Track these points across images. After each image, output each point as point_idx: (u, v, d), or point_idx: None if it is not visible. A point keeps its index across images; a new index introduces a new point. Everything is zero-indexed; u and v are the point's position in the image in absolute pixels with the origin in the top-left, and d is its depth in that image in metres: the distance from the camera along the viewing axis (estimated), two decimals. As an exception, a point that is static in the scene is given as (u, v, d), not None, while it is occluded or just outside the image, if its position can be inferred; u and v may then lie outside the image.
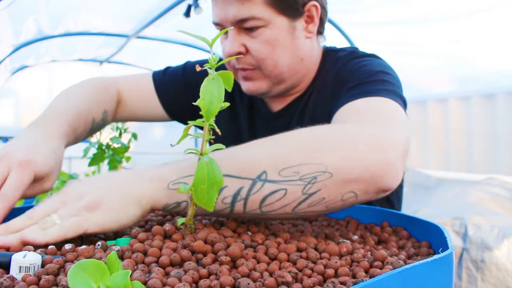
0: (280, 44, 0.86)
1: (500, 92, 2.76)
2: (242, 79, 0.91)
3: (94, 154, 1.15)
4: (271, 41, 0.85)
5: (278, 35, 0.85)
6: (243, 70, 0.89)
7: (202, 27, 2.84)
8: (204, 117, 0.51)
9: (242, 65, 0.88)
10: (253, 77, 0.89)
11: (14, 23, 2.95)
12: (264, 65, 0.87)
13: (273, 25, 0.84)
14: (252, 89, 0.91)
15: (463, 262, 2.15)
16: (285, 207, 0.55)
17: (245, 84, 0.91)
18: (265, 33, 0.84)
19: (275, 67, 0.87)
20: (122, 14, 3.15)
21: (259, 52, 0.86)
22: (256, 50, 0.85)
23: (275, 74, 0.88)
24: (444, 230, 0.53)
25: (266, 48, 0.85)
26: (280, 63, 0.87)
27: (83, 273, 0.34)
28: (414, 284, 0.39)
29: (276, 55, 0.86)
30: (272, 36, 0.85)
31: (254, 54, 0.86)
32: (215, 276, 0.45)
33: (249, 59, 0.87)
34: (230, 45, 0.85)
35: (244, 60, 0.87)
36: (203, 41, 0.52)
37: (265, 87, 0.90)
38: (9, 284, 0.41)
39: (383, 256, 0.50)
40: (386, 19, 2.55)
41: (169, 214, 0.70)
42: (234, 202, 0.56)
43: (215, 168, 0.51)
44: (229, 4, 0.83)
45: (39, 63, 4.16)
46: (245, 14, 0.82)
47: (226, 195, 0.56)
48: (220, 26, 0.87)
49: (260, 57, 0.86)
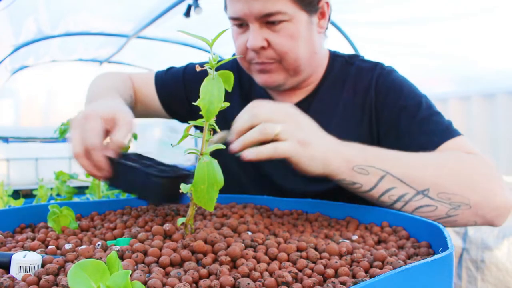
0: (300, 38, 0.88)
1: (500, 92, 2.76)
2: (259, 72, 0.92)
3: (94, 154, 1.15)
4: (293, 35, 0.87)
5: (300, 29, 0.88)
6: (262, 63, 0.90)
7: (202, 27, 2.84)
8: (204, 117, 0.51)
9: (262, 59, 0.89)
10: (271, 69, 0.91)
11: (14, 23, 2.94)
12: (285, 58, 0.89)
13: (295, 19, 0.87)
14: (269, 81, 0.93)
15: (463, 262, 2.15)
16: (429, 217, 0.70)
17: (262, 76, 0.92)
18: (288, 27, 0.86)
19: (296, 60, 0.90)
20: (122, 14, 3.15)
21: (282, 46, 0.87)
22: (279, 44, 0.87)
23: (294, 67, 0.91)
24: (444, 230, 0.53)
25: (289, 42, 0.87)
26: (300, 56, 0.90)
27: (83, 273, 0.34)
28: (414, 284, 0.39)
29: (297, 49, 0.89)
30: (295, 30, 0.87)
31: (276, 48, 0.88)
32: (215, 276, 0.45)
33: (270, 53, 0.89)
34: (253, 40, 0.86)
35: (265, 53, 0.89)
36: (203, 41, 0.52)
37: (281, 79, 0.93)
38: (9, 284, 0.41)
39: (383, 256, 0.50)
40: (386, 19, 2.55)
41: (169, 214, 0.71)
42: (397, 201, 0.72)
43: (215, 168, 0.51)
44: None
45: (39, 63, 4.15)
46: (271, 8, 0.84)
47: (394, 194, 0.72)
48: (239, 20, 0.88)
49: (282, 51, 0.88)
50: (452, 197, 0.72)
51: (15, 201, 1.09)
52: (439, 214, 0.72)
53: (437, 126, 0.85)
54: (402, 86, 0.93)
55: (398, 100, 0.90)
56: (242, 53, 0.91)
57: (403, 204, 0.72)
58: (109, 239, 0.60)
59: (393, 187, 0.71)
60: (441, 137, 0.83)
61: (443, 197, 0.71)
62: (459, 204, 0.72)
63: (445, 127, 0.85)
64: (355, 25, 2.78)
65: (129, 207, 0.78)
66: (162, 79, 1.12)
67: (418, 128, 0.86)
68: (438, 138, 0.83)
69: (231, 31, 0.93)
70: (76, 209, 0.74)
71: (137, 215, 0.72)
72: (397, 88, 0.92)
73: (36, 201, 1.27)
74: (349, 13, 2.58)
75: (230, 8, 0.88)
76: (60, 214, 0.65)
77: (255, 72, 0.93)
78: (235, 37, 0.92)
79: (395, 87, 0.92)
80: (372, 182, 0.71)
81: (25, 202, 1.15)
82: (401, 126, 0.88)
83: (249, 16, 0.85)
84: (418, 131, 0.86)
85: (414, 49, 2.77)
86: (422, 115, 0.87)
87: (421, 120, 0.86)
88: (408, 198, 0.72)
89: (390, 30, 2.64)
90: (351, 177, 0.71)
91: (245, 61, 0.93)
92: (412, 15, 2.41)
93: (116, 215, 0.74)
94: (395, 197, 0.72)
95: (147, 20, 3.11)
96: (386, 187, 0.71)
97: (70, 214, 0.66)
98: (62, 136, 1.22)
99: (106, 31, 3.44)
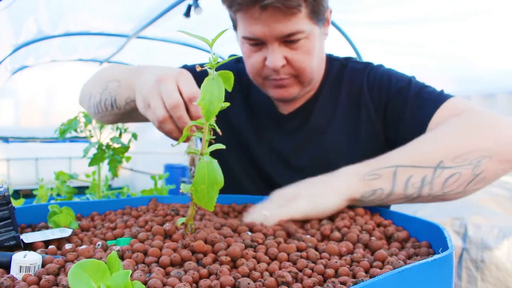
0: (315, 52, 0.90)
1: (500, 92, 2.76)
2: (275, 87, 0.93)
3: (94, 154, 1.15)
4: (310, 51, 0.89)
5: (315, 44, 0.89)
6: (280, 79, 0.91)
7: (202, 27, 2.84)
8: (204, 117, 0.51)
9: (281, 76, 0.90)
10: (288, 84, 0.92)
11: (14, 23, 2.94)
12: (303, 73, 0.90)
13: (311, 35, 0.88)
14: (285, 95, 0.94)
15: (463, 262, 2.15)
16: (459, 187, 0.71)
17: (278, 91, 0.93)
18: (306, 43, 0.87)
19: (311, 73, 0.92)
20: (122, 14, 3.15)
21: (301, 62, 0.88)
22: (297, 61, 0.88)
23: (309, 80, 0.93)
24: (444, 230, 0.53)
25: (306, 57, 0.89)
26: (314, 69, 0.92)
27: (84, 273, 0.34)
28: (414, 284, 0.39)
29: (313, 63, 0.90)
30: (311, 46, 0.88)
31: (295, 65, 0.89)
32: (215, 276, 0.45)
33: (288, 69, 0.90)
34: (274, 60, 0.86)
35: (283, 70, 0.89)
36: (203, 41, 0.52)
37: (297, 92, 0.94)
38: (10, 284, 0.41)
39: (383, 256, 0.50)
40: (386, 19, 2.55)
41: (169, 214, 0.71)
42: (422, 187, 0.70)
43: (215, 168, 0.51)
44: (276, 20, 0.83)
45: (39, 63, 4.15)
46: (292, 29, 0.84)
47: (415, 181, 0.70)
48: (256, 40, 0.87)
49: (301, 67, 0.89)
50: (468, 156, 0.71)
51: (15, 201, 1.09)
52: (467, 179, 0.71)
53: (430, 95, 0.89)
54: (390, 75, 0.96)
55: (389, 88, 0.93)
56: (258, 70, 0.91)
57: (430, 186, 0.70)
58: (109, 239, 0.60)
59: (410, 175, 0.70)
60: (433, 105, 0.86)
61: (460, 160, 0.71)
62: (478, 159, 0.71)
63: (437, 95, 0.88)
64: (355, 25, 2.77)
65: (129, 207, 0.78)
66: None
67: (415, 102, 0.89)
68: (432, 105, 0.86)
69: (242, 48, 0.93)
70: (76, 209, 0.74)
71: (137, 215, 0.72)
72: (386, 79, 0.95)
73: (36, 201, 1.27)
74: (349, 13, 2.58)
75: (246, 28, 0.87)
76: (60, 214, 0.65)
77: (270, 87, 0.93)
78: (247, 54, 0.92)
79: (384, 78, 0.96)
80: (389, 181, 0.70)
81: (25, 202, 1.15)
82: (399, 108, 0.91)
83: (269, 37, 0.85)
84: (415, 105, 0.88)
85: (414, 49, 2.77)
86: (414, 90, 0.90)
87: (415, 95, 0.90)
88: (430, 179, 0.70)
89: (390, 30, 2.64)
90: (369, 186, 0.70)
91: (259, 77, 0.93)
92: (412, 15, 2.41)
93: (116, 215, 0.74)
94: (418, 183, 0.70)
95: (147, 20, 3.11)
96: (404, 179, 0.71)
97: (70, 214, 0.66)
98: (62, 136, 1.22)
99: (106, 31, 3.44)
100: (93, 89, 0.96)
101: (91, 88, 0.97)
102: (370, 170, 0.71)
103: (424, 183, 0.70)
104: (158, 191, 1.24)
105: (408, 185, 0.70)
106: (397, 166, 0.71)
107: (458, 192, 0.72)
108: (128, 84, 0.84)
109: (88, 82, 1.02)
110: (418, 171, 0.71)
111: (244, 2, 0.83)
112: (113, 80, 0.90)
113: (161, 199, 0.84)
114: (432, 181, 0.70)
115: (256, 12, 0.83)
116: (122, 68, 0.94)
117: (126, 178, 4.98)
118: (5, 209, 0.56)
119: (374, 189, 0.70)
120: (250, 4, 0.83)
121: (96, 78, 0.99)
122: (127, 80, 0.85)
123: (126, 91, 0.84)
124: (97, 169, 1.23)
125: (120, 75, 0.89)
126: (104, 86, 0.91)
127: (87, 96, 0.98)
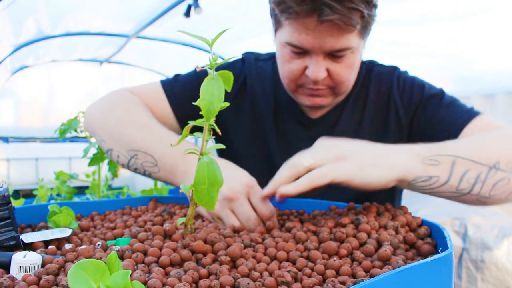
0: (356, 65, 0.89)
1: (500, 92, 2.75)
2: (309, 95, 0.91)
3: (94, 154, 1.15)
4: (352, 64, 0.88)
5: (358, 58, 0.89)
6: (316, 90, 0.89)
7: (202, 27, 2.84)
8: (204, 117, 0.51)
9: (318, 86, 0.88)
10: (323, 94, 0.90)
11: (14, 23, 2.94)
12: (341, 85, 0.89)
13: (357, 49, 0.87)
14: (319, 104, 0.92)
15: (463, 262, 2.15)
16: (504, 193, 0.70)
17: (311, 99, 0.91)
18: (350, 57, 0.86)
19: (348, 86, 0.92)
20: (122, 14, 3.15)
21: (341, 76, 0.87)
22: (338, 74, 0.87)
23: (344, 91, 0.92)
24: (444, 230, 0.53)
25: (348, 71, 0.88)
26: (352, 81, 0.92)
27: (83, 273, 0.34)
28: (414, 284, 0.39)
29: (352, 76, 0.90)
30: (354, 60, 0.88)
31: (335, 78, 0.87)
32: (215, 276, 0.45)
33: (327, 81, 0.88)
34: (317, 72, 0.84)
35: (322, 82, 0.87)
36: (203, 41, 0.52)
37: (330, 101, 0.93)
38: (9, 284, 0.41)
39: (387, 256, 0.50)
40: (386, 19, 2.55)
41: (168, 214, 0.71)
42: (475, 184, 0.68)
43: (215, 168, 0.51)
44: (330, 35, 0.81)
45: (39, 63, 4.15)
46: (343, 45, 0.82)
47: (471, 176, 0.68)
48: (301, 49, 0.84)
49: (341, 80, 0.88)
50: None
51: (15, 201, 1.09)
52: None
53: (462, 108, 0.90)
54: (422, 81, 0.98)
55: (423, 92, 0.94)
56: (296, 76, 0.88)
57: (482, 185, 0.68)
58: (109, 239, 0.60)
59: (467, 169, 0.67)
60: (467, 116, 0.87)
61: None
62: None
63: (468, 109, 0.90)
64: (355, 25, 2.77)
65: (129, 207, 0.78)
66: (172, 85, 1.00)
67: (445, 111, 0.90)
68: (464, 117, 0.87)
69: (281, 51, 0.89)
70: (76, 209, 0.74)
71: (137, 215, 0.72)
72: (418, 83, 0.97)
73: (36, 201, 1.28)
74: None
75: (294, 36, 0.83)
76: (60, 214, 0.65)
77: (303, 94, 0.91)
78: (287, 59, 0.88)
79: (416, 83, 0.97)
80: (447, 171, 0.66)
81: (25, 202, 1.15)
82: (429, 112, 0.92)
83: (318, 49, 0.83)
84: (446, 114, 0.90)
85: (414, 49, 2.77)
86: (447, 101, 0.92)
87: (447, 104, 0.91)
88: (484, 177, 0.69)
89: (390, 30, 2.64)
90: (426, 172, 0.65)
91: (294, 84, 0.90)
92: (412, 15, 2.41)
93: (116, 215, 0.74)
94: (473, 179, 0.68)
95: (147, 20, 3.11)
96: (461, 171, 0.67)
97: (70, 214, 0.66)
98: (62, 136, 1.22)
99: (106, 31, 3.44)
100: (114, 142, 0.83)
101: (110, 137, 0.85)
102: (431, 155, 0.66)
103: (478, 181, 0.68)
104: (158, 191, 1.24)
105: (464, 179, 0.67)
106: (457, 157, 0.67)
107: (500, 199, 0.71)
108: (169, 170, 0.76)
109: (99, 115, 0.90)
110: (475, 166, 0.68)
111: (303, 12, 0.79)
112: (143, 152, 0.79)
113: (161, 199, 0.84)
114: (485, 180, 0.68)
115: (312, 23, 0.80)
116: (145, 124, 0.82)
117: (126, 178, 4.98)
118: (5, 209, 0.56)
119: (430, 176, 0.66)
120: (308, 14, 0.79)
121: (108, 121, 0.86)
122: (166, 164, 0.76)
123: (166, 175, 0.77)
124: (97, 169, 1.23)
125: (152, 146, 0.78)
126: (132, 153, 0.80)
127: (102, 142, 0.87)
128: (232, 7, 2.63)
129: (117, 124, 0.84)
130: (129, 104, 0.89)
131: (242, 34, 2.90)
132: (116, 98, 0.92)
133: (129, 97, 0.92)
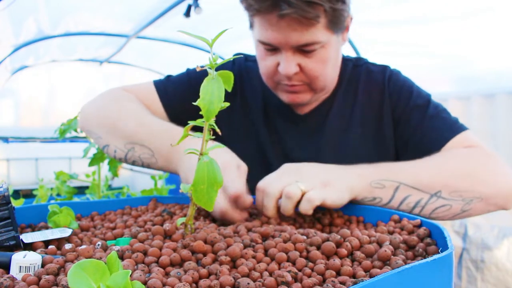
0: (330, 60, 0.89)
1: (500, 92, 2.75)
2: (286, 92, 0.92)
3: (94, 154, 1.15)
4: (325, 59, 0.88)
5: (330, 52, 0.88)
6: (291, 86, 0.90)
7: (202, 27, 2.84)
8: (204, 117, 0.51)
9: (293, 82, 0.89)
10: (300, 90, 0.91)
11: (14, 23, 2.95)
12: (315, 81, 0.90)
13: (328, 44, 0.87)
14: (296, 101, 0.93)
15: (463, 262, 2.15)
16: (445, 216, 0.77)
17: (289, 96, 0.92)
18: (321, 52, 0.87)
19: (324, 81, 0.92)
20: (122, 14, 3.15)
21: (314, 71, 0.88)
22: (311, 69, 0.88)
23: (321, 87, 0.92)
24: (444, 230, 0.53)
25: (320, 66, 0.88)
26: (328, 77, 0.92)
27: (83, 273, 0.34)
28: (414, 284, 0.39)
29: (326, 71, 0.90)
30: (326, 55, 0.88)
31: (308, 73, 0.88)
32: (215, 276, 0.45)
33: (301, 77, 0.89)
34: (287, 67, 0.86)
35: (296, 77, 0.88)
36: (203, 41, 0.52)
37: (308, 98, 0.94)
38: (9, 284, 0.41)
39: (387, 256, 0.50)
40: (386, 19, 2.55)
41: (168, 214, 0.71)
42: (414, 207, 0.75)
43: (215, 168, 0.51)
44: (293, 29, 0.82)
45: (39, 63, 4.15)
46: (309, 39, 0.83)
47: (410, 201, 0.75)
48: (270, 46, 0.87)
49: (314, 75, 0.88)
50: (463, 193, 0.76)
51: (15, 201, 1.09)
52: (454, 212, 0.77)
53: (445, 122, 0.91)
54: (411, 86, 0.97)
55: (409, 99, 0.94)
56: (271, 73, 0.90)
57: (421, 209, 0.75)
58: (109, 239, 0.60)
59: (408, 195, 0.75)
60: (449, 133, 0.89)
61: (455, 195, 0.76)
62: (471, 199, 0.76)
63: (452, 123, 0.91)
64: (355, 24, 2.77)
65: (129, 207, 0.78)
66: (164, 85, 1.02)
67: (429, 124, 0.91)
68: (447, 134, 0.89)
69: (256, 49, 0.92)
70: (76, 209, 0.74)
71: (137, 215, 0.72)
72: (407, 88, 0.96)
73: (36, 201, 1.28)
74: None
75: (262, 33, 0.86)
76: (60, 214, 0.65)
77: (281, 91, 0.93)
78: (262, 56, 0.91)
79: (406, 87, 0.96)
80: (389, 194, 0.74)
81: (25, 202, 1.15)
82: (412, 123, 0.93)
83: (284, 44, 0.84)
84: (429, 128, 0.90)
85: (414, 49, 2.77)
86: (432, 112, 0.92)
87: (431, 117, 0.91)
88: (424, 203, 0.75)
89: (390, 30, 2.64)
90: (371, 193, 0.74)
91: (272, 81, 0.93)
92: (412, 15, 2.41)
93: (116, 215, 0.74)
94: (412, 203, 0.75)
95: (147, 20, 3.11)
96: (402, 196, 0.75)
97: (70, 214, 0.66)
98: (62, 136, 1.22)
99: (106, 31, 3.44)
100: (111, 137, 0.86)
101: (106, 133, 0.87)
102: (378, 179, 0.74)
103: (417, 205, 0.75)
104: (158, 191, 1.24)
105: (404, 202, 0.75)
106: (401, 183, 0.75)
107: (442, 218, 0.78)
108: (165, 157, 0.79)
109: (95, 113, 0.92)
110: (416, 193, 0.75)
111: (262, 8, 0.82)
112: (140, 144, 0.82)
113: (161, 199, 0.84)
114: (425, 205, 0.75)
115: (273, 19, 0.82)
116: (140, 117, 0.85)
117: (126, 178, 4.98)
118: (5, 209, 0.56)
119: (374, 197, 0.74)
120: (268, 11, 0.81)
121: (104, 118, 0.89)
122: (162, 151, 0.79)
123: (163, 163, 0.80)
124: (97, 169, 1.23)
125: (148, 138, 0.81)
126: (129, 146, 0.83)
127: (98, 139, 0.89)
128: (232, 7, 2.63)
129: (113, 119, 0.87)
130: (123, 101, 0.92)
131: (242, 34, 2.90)
132: (110, 96, 0.95)
133: (123, 94, 0.95)
